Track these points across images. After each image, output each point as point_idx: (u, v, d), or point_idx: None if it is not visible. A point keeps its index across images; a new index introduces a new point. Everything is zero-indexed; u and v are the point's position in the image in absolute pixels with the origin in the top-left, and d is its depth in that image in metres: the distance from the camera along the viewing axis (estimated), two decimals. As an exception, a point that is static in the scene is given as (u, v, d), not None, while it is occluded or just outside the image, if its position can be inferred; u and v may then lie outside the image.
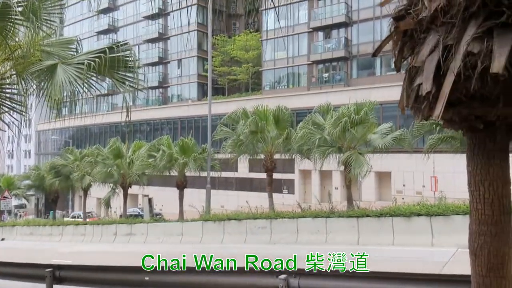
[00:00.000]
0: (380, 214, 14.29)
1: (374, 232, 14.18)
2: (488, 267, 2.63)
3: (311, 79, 37.30)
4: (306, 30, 37.35)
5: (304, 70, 37.99)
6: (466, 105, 2.52)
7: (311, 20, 36.82)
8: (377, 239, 13.85)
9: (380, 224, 14.19)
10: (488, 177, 2.65)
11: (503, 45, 2.28)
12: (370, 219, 14.48)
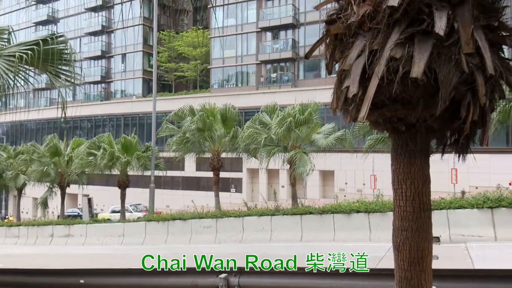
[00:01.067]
0: (322, 211, 14.73)
1: (316, 228, 14.60)
2: (409, 261, 2.79)
3: (259, 79, 37.64)
4: (254, 29, 37.60)
5: (253, 69, 38.24)
6: (389, 107, 2.64)
7: (260, 20, 37.14)
8: (319, 236, 14.28)
9: (322, 221, 14.63)
10: (410, 176, 2.80)
11: (423, 51, 2.41)
12: (313, 216, 14.88)
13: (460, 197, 14.72)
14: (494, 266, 8.78)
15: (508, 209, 12.18)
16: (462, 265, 9.13)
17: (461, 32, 2.43)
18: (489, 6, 2.56)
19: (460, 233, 12.52)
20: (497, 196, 12.72)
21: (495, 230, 12.25)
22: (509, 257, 10.12)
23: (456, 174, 24.50)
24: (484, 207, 12.49)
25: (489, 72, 2.39)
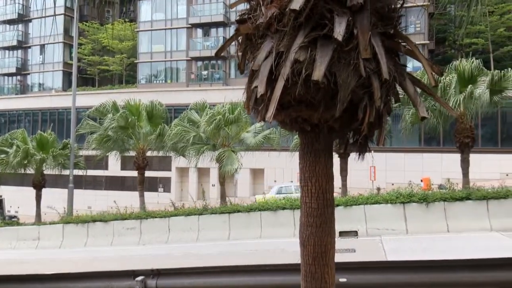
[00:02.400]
0: (250, 209, 14.91)
1: (244, 226, 14.75)
2: (314, 256, 2.90)
3: (190, 76, 37.07)
4: (185, 25, 36.94)
5: (183, 65, 37.55)
6: (295, 108, 2.73)
7: (190, 16, 36.56)
8: (247, 233, 14.45)
9: (250, 219, 14.81)
10: (315, 174, 2.91)
11: (324, 55, 2.52)
12: (241, 214, 15.00)
13: (376, 193, 15.71)
14: (404, 257, 9.50)
15: (418, 204, 13.26)
16: (376, 257, 9.73)
17: (360, 38, 2.56)
18: (386, 14, 2.74)
19: (376, 227, 13.38)
20: (409, 192, 13.80)
21: (406, 224, 13.27)
22: (418, 248, 11.01)
23: (374, 171, 26.11)
24: (397, 203, 13.48)
25: (384, 77, 2.55)
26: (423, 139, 29.06)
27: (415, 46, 2.79)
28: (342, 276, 5.17)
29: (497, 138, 28.66)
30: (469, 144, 15.26)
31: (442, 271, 5.08)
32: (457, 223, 12.68)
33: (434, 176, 25.68)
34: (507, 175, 26.02)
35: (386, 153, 28.75)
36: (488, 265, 4.73)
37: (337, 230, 11.99)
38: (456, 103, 14.46)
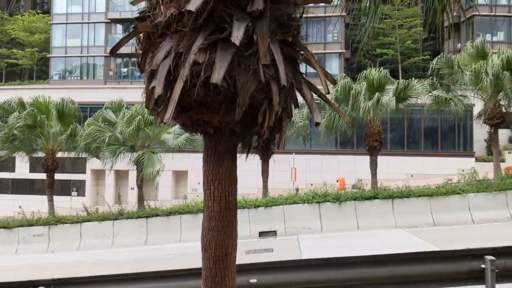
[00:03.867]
0: (169, 212, 14.58)
1: (163, 230, 14.37)
2: (215, 259, 2.90)
3: (108, 73, 35.28)
4: (103, 20, 35.11)
5: (101, 62, 35.63)
6: (196, 111, 2.70)
7: (109, 11, 34.88)
8: (166, 237, 14.09)
9: (169, 223, 14.48)
10: (218, 177, 2.91)
11: (224, 59, 2.52)
12: (160, 218, 14.62)
13: (295, 194, 16.27)
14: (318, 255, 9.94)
15: (332, 203, 13.98)
16: (292, 256, 10.06)
17: (260, 44, 2.61)
18: (285, 22, 2.82)
19: (294, 226, 13.85)
20: (323, 192, 14.50)
21: (321, 222, 13.91)
22: (331, 245, 11.57)
23: (295, 172, 27.03)
24: (313, 202, 14.09)
25: (282, 83, 2.62)
26: (339, 142, 30.69)
27: (311, 55, 2.92)
28: (253, 277, 5.25)
29: (403, 142, 31.22)
30: (377, 147, 16.43)
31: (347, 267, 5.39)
32: (366, 220, 13.59)
33: (349, 176, 27.24)
34: (412, 176, 28.52)
35: (306, 155, 29.91)
36: (385, 260, 5.11)
37: (257, 230, 12.24)
38: (366, 109, 15.50)
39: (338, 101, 16.77)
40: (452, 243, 5.17)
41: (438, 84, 17.11)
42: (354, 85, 16.55)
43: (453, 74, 16.75)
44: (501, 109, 16.87)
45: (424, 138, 31.05)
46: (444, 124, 30.01)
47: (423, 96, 16.87)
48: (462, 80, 16.49)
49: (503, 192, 13.33)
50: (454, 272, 4.91)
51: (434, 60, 17.44)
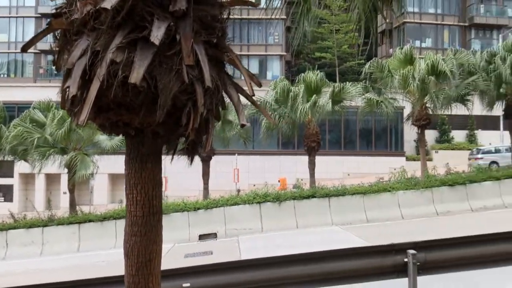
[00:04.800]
0: (104, 217, 13.99)
1: (97, 236, 13.75)
2: (137, 266, 2.79)
3: (38, 70, 33.09)
4: (33, 14, 32.91)
5: (30, 59, 33.34)
6: (115, 112, 2.59)
7: (40, 5, 32.75)
8: (100, 244, 13.48)
9: (104, 228, 13.89)
10: (141, 180, 2.81)
11: (143, 58, 2.44)
12: (94, 224, 13.99)
13: (236, 195, 16.30)
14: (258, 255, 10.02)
15: (272, 203, 14.18)
16: (232, 257, 10.04)
17: (183, 45, 2.56)
18: (210, 23, 2.79)
19: (235, 228, 13.86)
20: (264, 193, 14.67)
21: (262, 222, 14.06)
22: (271, 245, 11.71)
23: (238, 174, 27.11)
24: (254, 203, 14.21)
25: (206, 84, 2.59)
26: (281, 143, 31.26)
27: (237, 57, 2.92)
28: (187, 281, 5.16)
29: (341, 142, 32.50)
30: (315, 148, 16.96)
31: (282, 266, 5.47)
32: (305, 219, 13.95)
33: (290, 176, 27.81)
34: (349, 175, 29.75)
35: (249, 156, 30.10)
36: (317, 258, 5.25)
37: (197, 233, 12.07)
38: (304, 111, 15.94)
39: (278, 103, 17.11)
40: (382, 238, 5.46)
41: (370, 87, 18.04)
42: (293, 87, 16.97)
43: (384, 78, 17.74)
44: (427, 111, 18.12)
45: (359, 139, 32.54)
46: (378, 125, 31.68)
47: (356, 99, 17.69)
48: (392, 83, 17.52)
49: (429, 189, 14.31)
50: (380, 266, 5.15)
51: (367, 65, 18.36)
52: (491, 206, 13.81)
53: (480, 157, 26.29)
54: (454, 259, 5.18)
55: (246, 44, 36.13)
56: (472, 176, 14.70)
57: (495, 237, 5.25)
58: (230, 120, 17.14)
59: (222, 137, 17.90)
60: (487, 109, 18.62)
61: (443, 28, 37.88)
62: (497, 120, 28.55)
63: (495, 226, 5.58)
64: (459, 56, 17.49)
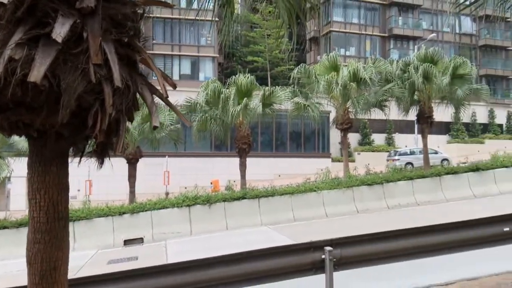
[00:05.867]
0: (20, 224, 12.95)
1: (12, 244, 12.62)
2: (41, 274, 2.64)
3: None
4: None
5: None
6: (14, 111, 2.43)
7: None
8: (16, 251, 12.33)
9: (20, 235, 12.77)
10: (45, 185, 2.66)
11: (46, 56, 2.32)
12: (9, 231, 12.93)
13: (164, 198, 15.96)
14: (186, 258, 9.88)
15: (202, 205, 14.08)
16: (159, 262, 9.81)
17: (90, 43, 2.47)
18: (120, 21, 2.72)
19: (163, 232, 13.56)
20: (194, 195, 14.51)
21: (191, 226, 13.90)
22: (199, 248, 11.63)
23: (168, 176, 26.54)
24: (183, 206, 14.00)
25: (116, 84, 2.52)
26: (214, 145, 31.21)
27: (149, 57, 2.88)
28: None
29: (272, 144, 33.24)
30: (246, 150, 17.17)
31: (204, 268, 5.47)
32: (235, 220, 14.05)
33: (223, 178, 27.86)
34: (279, 176, 30.52)
35: (181, 158, 29.64)
36: (238, 258, 5.33)
37: (122, 238, 11.59)
38: (235, 113, 16.08)
39: (209, 104, 17.05)
40: (307, 236, 5.70)
41: (298, 92, 18.69)
42: (224, 89, 17.04)
43: (311, 83, 18.49)
44: (349, 115, 19.19)
45: (290, 141, 33.54)
46: (307, 128, 32.90)
47: (286, 102, 18.23)
48: (318, 89, 18.30)
49: (350, 188, 15.12)
50: (300, 264, 5.36)
51: (295, 70, 19.00)
52: (405, 204, 14.96)
53: (397, 158, 28.39)
54: (367, 254, 5.53)
55: (178, 44, 35.61)
56: (388, 176, 15.80)
57: (406, 232, 5.69)
58: (159, 121, 16.73)
59: (151, 138, 17.44)
60: (402, 114, 20.14)
61: (366, 38, 40.40)
62: (412, 124, 31.06)
63: (408, 222, 6.07)
64: (377, 64, 18.76)
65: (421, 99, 18.80)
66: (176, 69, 35.86)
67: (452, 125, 38.10)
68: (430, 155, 20.86)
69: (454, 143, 37.73)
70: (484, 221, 5.68)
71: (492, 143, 36.73)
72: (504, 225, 5.72)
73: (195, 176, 28.74)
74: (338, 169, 23.88)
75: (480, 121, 40.49)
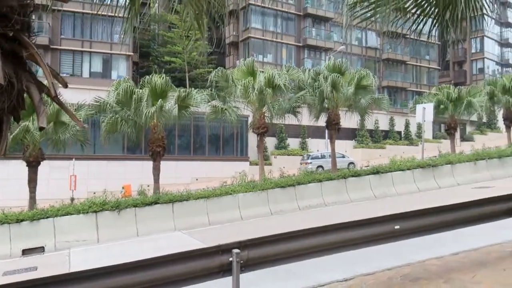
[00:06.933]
0: None
1: None
2: None
3: None
4: None
5: None
6: None
7: None
8: None
9: None
10: None
11: None
12: None
13: (69, 204, 14.92)
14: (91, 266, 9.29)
15: (110, 211, 13.38)
16: (60, 271, 9.12)
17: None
18: (6, 15, 2.50)
19: (66, 240, 12.65)
20: (102, 201, 13.74)
21: (98, 233, 13.14)
22: (105, 256, 11.04)
23: (75, 180, 24.85)
24: (90, 212, 13.18)
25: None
26: (126, 148, 29.95)
27: (37, 53, 2.68)
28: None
29: (190, 147, 32.87)
30: (161, 153, 16.72)
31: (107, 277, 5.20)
32: (147, 226, 13.58)
33: (137, 183, 26.87)
34: (197, 179, 30.26)
35: (90, 161, 27.98)
36: (144, 265, 5.16)
37: (20, 248, 10.62)
38: (149, 115, 15.58)
39: (120, 105, 16.31)
40: (221, 240, 5.68)
41: (216, 95, 18.74)
42: (138, 90, 16.42)
43: (229, 87, 18.66)
44: (265, 120, 19.73)
45: (209, 144, 33.48)
46: (226, 132, 33.14)
47: (203, 105, 18.15)
48: (235, 93, 18.54)
49: (265, 191, 15.51)
50: (208, 267, 5.35)
51: (212, 73, 19.03)
52: (315, 205, 15.76)
53: (309, 162, 29.88)
54: (273, 254, 5.71)
55: (89, 40, 33.63)
56: (300, 178, 16.51)
57: (308, 232, 5.97)
58: (64, 121, 15.57)
59: (55, 139, 16.15)
60: (314, 120, 21.23)
61: (282, 46, 41.94)
62: (324, 130, 32.92)
63: (316, 222, 6.38)
64: (291, 72, 19.58)
65: (330, 107, 19.99)
66: (86, 67, 33.82)
67: (358, 131, 41.09)
68: (337, 159, 22.27)
69: (360, 148, 40.75)
70: (378, 220, 6.20)
71: (392, 148, 40.41)
72: (395, 223, 6.30)
73: (106, 180, 27.33)
74: (256, 172, 24.40)
75: (382, 128, 44.26)
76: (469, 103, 25.54)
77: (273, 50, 41.58)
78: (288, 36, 42.26)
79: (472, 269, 6.22)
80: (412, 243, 6.63)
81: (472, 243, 7.54)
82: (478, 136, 47.84)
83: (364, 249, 6.14)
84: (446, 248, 7.36)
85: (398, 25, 5.68)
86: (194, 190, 16.19)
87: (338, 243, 5.90)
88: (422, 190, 17.30)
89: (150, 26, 40.46)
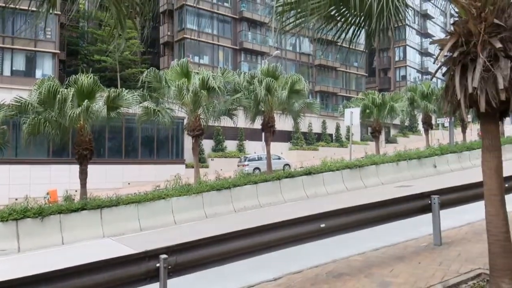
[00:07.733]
0: None
1: None
2: None
3: None
4: None
5: None
6: None
7: None
8: None
9: None
10: None
11: None
12: None
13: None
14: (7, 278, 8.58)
15: (33, 219, 12.49)
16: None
17: None
18: None
19: (-20, 251, 11.58)
20: (23, 207, 12.78)
21: (19, 242, 12.21)
22: (26, 266, 10.26)
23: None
24: (9, 220, 12.24)
25: None
26: (52, 151, 28.13)
27: None
28: None
29: (122, 150, 31.62)
30: (88, 156, 15.89)
31: None
32: (73, 234, 12.86)
33: (64, 188, 25.29)
34: (129, 184, 29.17)
35: (10, 165, 25.92)
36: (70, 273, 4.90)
37: None
38: (74, 116, 14.75)
39: (43, 105, 15.27)
40: (152, 246, 5.49)
41: (148, 96, 18.22)
42: (62, 89, 15.47)
43: (162, 88, 18.24)
44: (200, 122, 19.57)
45: (141, 147, 32.45)
46: (160, 134, 32.34)
47: (135, 107, 17.55)
48: (168, 94, 18.19)
49: (200, 194, 15.35)
50: (134, 274, 5.18)
51: (144, 73, 18.50)
52: (250, 206, 15.92)
53: (247, 164, 30.15)
54: (202, 258, 5.67)
55: (11, 36, 31.18)
56: (236, 180, 16.59)
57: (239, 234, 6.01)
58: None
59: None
60: (250, 122, 21.47)
61: (219, 48, 41.95)
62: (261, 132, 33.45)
63: (251, 223, 6.43)
64: (226, 75, 19.65)
65: (265, 110, 20.34)
66: (7, 64, 31.31)
67: (293, 134, 42.28)
68: (273, 161, 22.71)
69: (295, 150, 41.94)
70: (305, 219, 6.43)
71: (325, 150, 42.08)
72: (321, 222, 6.57)
73: (29, 186, 25.48)
74: (192, 175, 24.07)
75: (315, 131, 45.96)
76: (391, 108, 27.40)
77: (209, 52, 41.42)
78: (224, 39, 42.37)
79: (390, 263, 6.66)
80: (338, 241, 6.96)
81: (391, 239, 8.08)
82: (401, 138, 51.40)
83: (296, 247, 6.34)
84: (368, 244, 7.81)
85: (326, 32, 5.93)
86: (124, 195, 15.60)
87: (270, 243, 6.04)
88: (350, 189, 18.20)
89: (79, 23, 38.44)
